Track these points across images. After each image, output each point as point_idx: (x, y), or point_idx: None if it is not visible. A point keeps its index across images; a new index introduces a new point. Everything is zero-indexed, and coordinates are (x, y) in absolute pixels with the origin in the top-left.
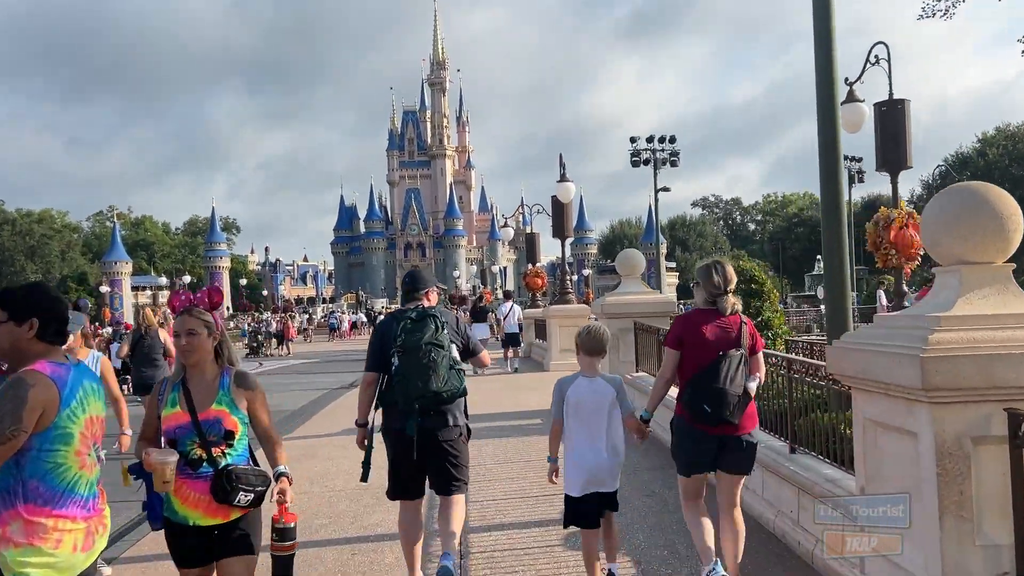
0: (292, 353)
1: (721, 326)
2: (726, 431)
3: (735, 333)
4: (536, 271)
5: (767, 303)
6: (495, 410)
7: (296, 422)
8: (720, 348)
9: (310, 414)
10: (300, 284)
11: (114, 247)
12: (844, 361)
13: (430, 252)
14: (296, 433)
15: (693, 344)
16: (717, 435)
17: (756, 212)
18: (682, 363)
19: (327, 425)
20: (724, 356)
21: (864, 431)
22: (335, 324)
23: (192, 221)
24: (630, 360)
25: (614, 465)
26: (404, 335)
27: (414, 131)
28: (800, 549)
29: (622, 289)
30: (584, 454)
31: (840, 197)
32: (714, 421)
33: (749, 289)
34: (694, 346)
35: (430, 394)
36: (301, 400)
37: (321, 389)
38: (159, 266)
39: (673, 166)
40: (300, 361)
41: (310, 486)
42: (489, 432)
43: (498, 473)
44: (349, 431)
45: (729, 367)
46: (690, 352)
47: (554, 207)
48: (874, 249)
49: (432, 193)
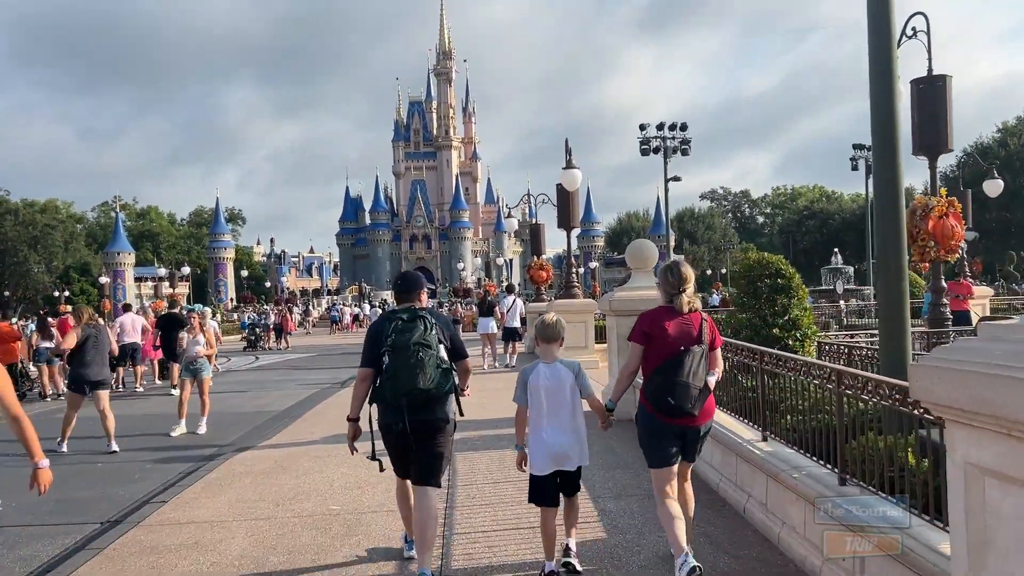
0: (291, 347)
1: (683, 323)
2: (687, 422)
3: (696, 330)
4: (541, 263)
5: (795, 300)
6: (494, 414)
7: (278, 426)
8: (682, 344)
9: (295, 416)
10: (305, 276)
11: (117, 238)
12: (941, 385)
13: (435, 244)
14: (274, 440)
15: (657, 339)
16: (679, 426)
17: (765, 205)
18: (646, 357)
19: (311, 430)
20: (687, 351)
21: (967, 479)
22: (336, 317)
23: (198, 212)
24: None
25: (576, 444)
26: (395, 335)
27: (420, 122)
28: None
29: (632, 283)
30: (548, 435)
31: (898, 184)
32: (677, 413)
33: (775, 284)
34: (658, 341)
35: (417, 391)
36: (289, 399)
37: (313, 387)
38: (164, 257)
39: (684, 155)
40: (298, 355)
41: (274, 509)
42: (485, 443)
43: (490, 496)
44: (332, 439)
45: (691, 362)
46: (654, 347)
47: (559, 196)
48: (910, 241)
49: (438, 185)
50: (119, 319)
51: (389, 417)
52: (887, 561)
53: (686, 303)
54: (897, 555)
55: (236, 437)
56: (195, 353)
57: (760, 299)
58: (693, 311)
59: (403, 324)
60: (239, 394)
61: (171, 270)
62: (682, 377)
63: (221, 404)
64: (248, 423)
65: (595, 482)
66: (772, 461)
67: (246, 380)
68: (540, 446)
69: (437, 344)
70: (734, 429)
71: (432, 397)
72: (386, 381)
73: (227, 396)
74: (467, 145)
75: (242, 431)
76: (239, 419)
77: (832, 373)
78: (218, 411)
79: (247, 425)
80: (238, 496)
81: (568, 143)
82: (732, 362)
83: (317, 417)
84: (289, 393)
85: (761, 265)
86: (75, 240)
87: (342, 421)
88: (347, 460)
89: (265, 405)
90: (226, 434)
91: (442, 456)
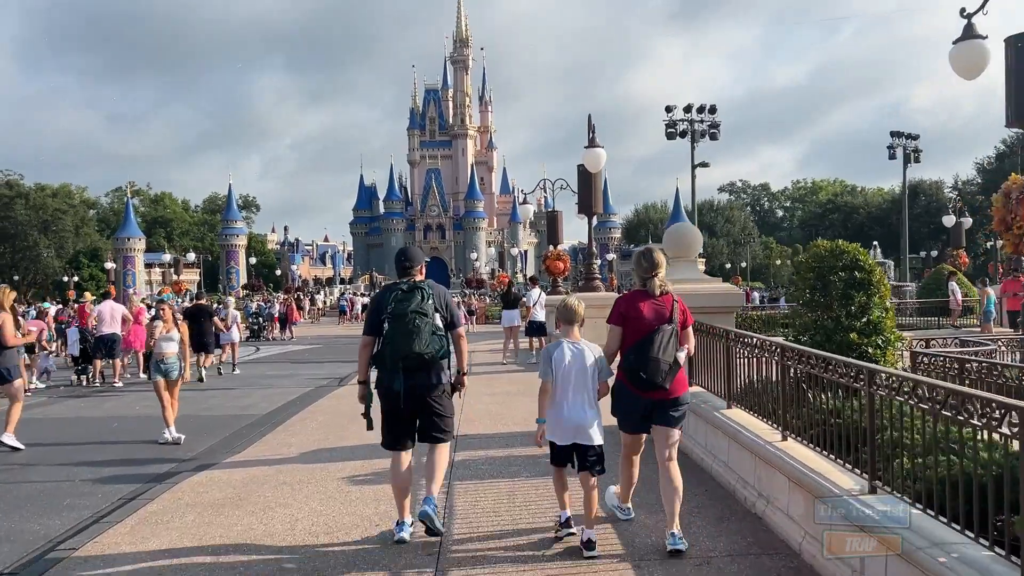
0: (295, 337)
1: (656, 304)
2: (659, 395)
3: (668, 311)
4: (558, 253)
5: (876, 298)
6: (505, 426)
7: (253, 435)
8: (655, 323)
9: (278, 422)
10: (319, 264)
11: (127, 223)
12: None
13: (449, 234)
14: (242, 455)
15: (633, 320)
16: (651, 399)
17: (785, 199)
18: (623, 336)
19: (288, 442)
20: (659, 330)
21: None
22: (344, 307)
23: (212, 199)
24: None
25: (595, 419)
26: (394, 304)
27: (436, 110)
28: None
29: (671, 275)
30: (568, 410)
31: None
32: (649, 386)
33: (851, 279)
34: (634, 321)
35: (413, 355)
36: (277, 399)
37: (307, 384)
38: (178, 244)
39: (713, 139)
40: (301, 347)
41: (212, 566)
42: (492, 468)
43: (493, 551)
44: (310, 456)
45: (663, 340)
46: (630, 326)
47: (581, 178)
48: (1001, 228)
49: (453, 174)
50: (97, 307)
51: (387, 380)
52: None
53: (657, 286)
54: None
55: (202, 449)
56: (166, 350)
57: (833, 296)
58: (664, 294)
59: (402, 294)
60: (224, 392)
61: (176, 256)
62: (654, 354)
63: (200, 404)
64: (222, 429)
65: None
66: (896, 530)
67: (236, 375)
68: (560, 419)
69: (433, 312)
70: (817, 467)
71: (427, 361)
72: (385, 346)
73: (210, 394)
74: (483, 134)
75: (212, 440)
76: (213, 424)
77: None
78: (192, 413)
79: (220, 432)
80: (173, 540)
81: (591, 119)
82: (798, 372)
83: (300, 424)
84: (279, 391)
85: (834, 255)
86: (86, 225)
87: (327, 430)
88: (320, 490)
89: (248, 406)
90: (192, 444)
91: (444, 415)
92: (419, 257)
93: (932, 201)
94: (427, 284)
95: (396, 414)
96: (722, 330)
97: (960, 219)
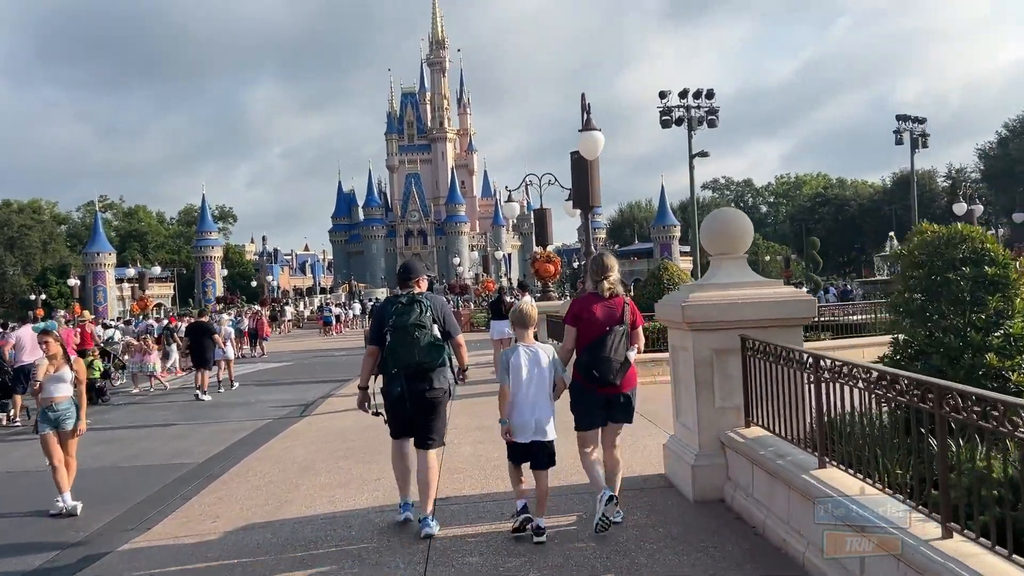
0: (267, 353)
1: (608, 306)
2: (611, 391)
3: (619, 312)
4: (547, 254)
5: (1019, 303)
6: (500, 481)
7: (175, 498)
8: (608, 324)
9: (212, 476)
10: (299, 274)
11: (96, 237)
12: None
13: (431, 239)
14: (149, 536)
15: (586, 321)
16: (604, 394)
17: (768, 194)
18: (578, 335)
19: (216, 513)
20: (611, 331)
21: None
22: (329, 318)
23: (187, 210)
24: (734, 405)
25: (551, 416)
26: (395, 316)
27: (413, 114)
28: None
29: (718, 277)
30: (529, 410)
31: None
32: (602, 383)
33: (979, 276)
34: (587, 322)
35: (414, 363)
36: (221, 439)
37: (263, 416)
38: (152, 257)
39: (711, 126)
40: (270, 365)
41: None
42: (484, 565)
43: None
44: (241, 533)
45: (614, 339)
46: (584, 327)
47: (575, 168)
48: None
49: (433, 178)
50: (15, 333)
51: (391, 385)
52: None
53: (607, 289)
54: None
55: (99, 526)
56: (55, 395)
57: (952, 301)
58: (615, 296)
59: (402, 307)
60: (160, 430)
61: (141, 270)
62: (605, 353)
63: (128, 449)
64: (140, 488)
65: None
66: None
67: (184, 404)
68: (523, 420)
69: (432, 324)
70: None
71: (426, 369)
72: (388, 356)
73: (143, 434)
74: (462, 137)
75: (120, 508)
76: (131, 481)
77: None
78: (113, 463)
79: (136, 492)
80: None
81: (585, 98)
82: (897, 405)
83: (238, 480)
84: (226, 428)
85: (951, 243)
86: (55, 241)
87: (269, 491)
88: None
89: (183, 451)
90: (91, 515)
91: (437, 422)
92: (419, 270)
93: (924, 191)
94: (425, 296)
95: (400, 414)
96: (787, 349)
97: (971, 206)
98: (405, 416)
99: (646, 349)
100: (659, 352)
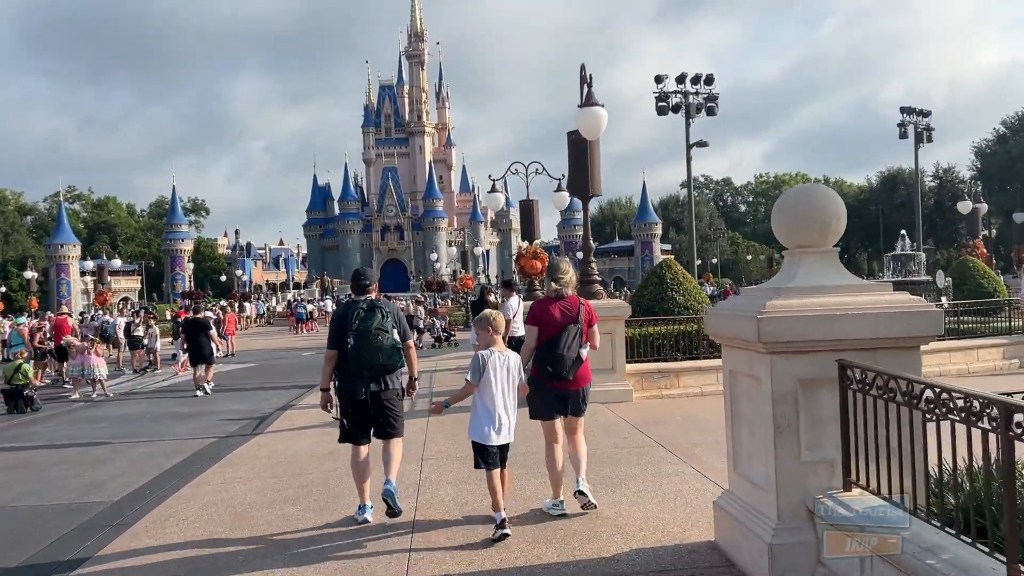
0: (235, 353)
1: (565, 307)
2: (565, 386)
3: (575, 312)
4: (534, 250)
5: None
6: (483, 559)
7: (66, 563)
8: (564, 324)
9: (122, 525)
10: (272, 269)
11: (60, 228)
12: None
13: (408, 234)
14: None
15: (546, 322)
16: (558, 388)
17: (748, 193)
18: (539, 335)
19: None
20: (565, 329)
21: None
22: (303, 315)
23: (159, 203)
24: (824, 459)
25: (515, 419)
26: (358, 322)
27: (391, 107)
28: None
29: (794, 280)
30: (502, 413)
31: None
32: (555, 378)
33: None
34: (546, 323)
35: (378, 366)
36: (154, 465)
37: (209, 433)
38: (122, 250)
39: (710, 114)
40: (231, 367)
41: None
42: None
43: None
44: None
45: (568, 338)
46: (543, 327)
47: (573, 151)
48: None
49: (410, 172)
50: None
51: (352, 386)
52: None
53: (555, 291)
54: None
55: None
56: None
57: None
58: (568, 297)
59: (364, 313)
60: (82, 451)
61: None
62: (560, 350)
63: (32, 480)
64: (25, 544)
65: None
66: None
67: (119, 416)
68: (493, 421)
69: (392, 328)
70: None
71: (388, 369)
72: (352, 359)
73: (59, 457)
74: (441, 132)
75: None
76: (17, 532)
77: None
78: (6, 503)
79: (17, 552)
80: None
81: (585, 69)
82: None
83: (154, 532)
84: (160, 448)
85: None
86: (18, 232)
87: (194, 543)
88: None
89: (96, 484)
90: None
91: (397, 416)
92: (374, 277)
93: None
94: (383, 303)
95: (359, 415)
96: (903, 378)
97: (976, 205)
98: (367, 415)
99: (656, 359)
100: (688, 361)
